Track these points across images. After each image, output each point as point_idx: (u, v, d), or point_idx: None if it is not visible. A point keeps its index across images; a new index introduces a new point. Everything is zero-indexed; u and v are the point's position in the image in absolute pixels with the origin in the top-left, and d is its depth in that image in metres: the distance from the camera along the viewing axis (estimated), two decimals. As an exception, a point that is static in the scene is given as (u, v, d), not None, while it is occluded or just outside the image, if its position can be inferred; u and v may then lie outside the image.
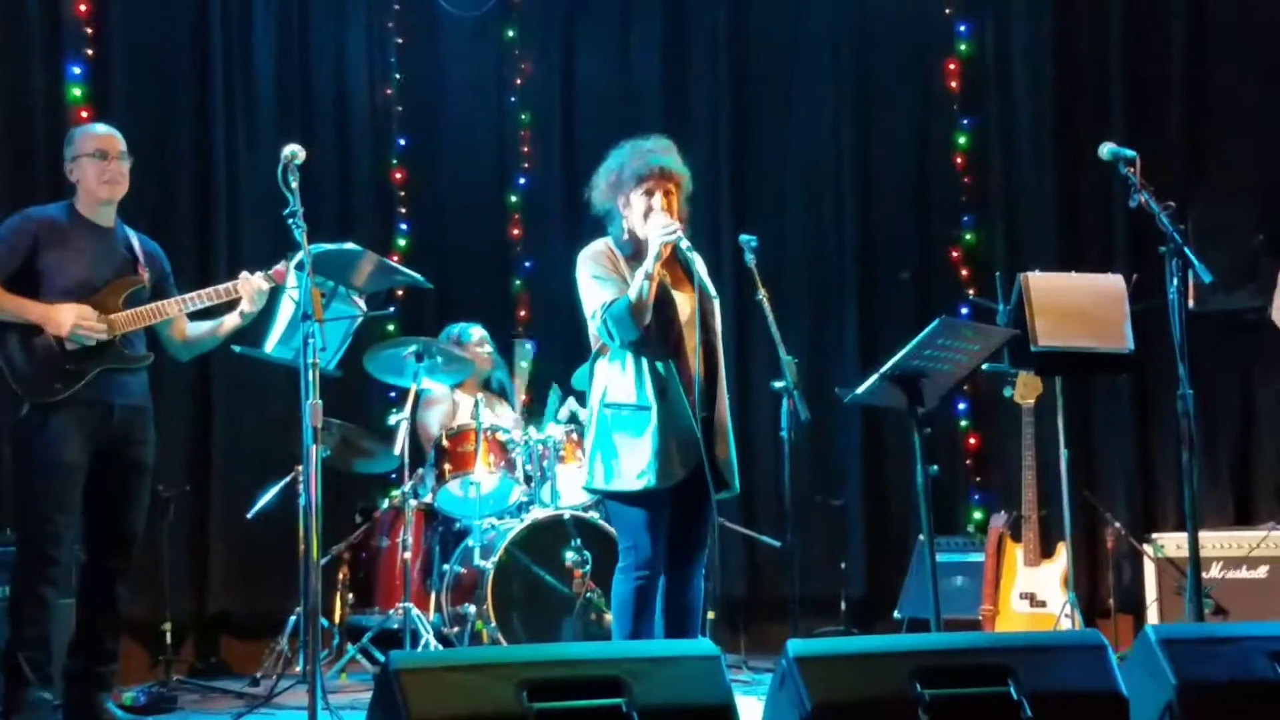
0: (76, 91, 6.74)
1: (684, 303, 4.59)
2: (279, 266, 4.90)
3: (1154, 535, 6.49)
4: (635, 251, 4.58)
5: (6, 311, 4.71)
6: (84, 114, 6.60)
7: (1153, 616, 6.30)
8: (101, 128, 5.06)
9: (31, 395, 4.70)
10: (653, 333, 4.51)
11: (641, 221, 4.59)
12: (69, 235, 4.85)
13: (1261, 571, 6.02)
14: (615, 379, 4.57)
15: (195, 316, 5.09)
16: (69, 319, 4.71)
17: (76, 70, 6.78)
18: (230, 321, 5.00)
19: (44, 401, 4.70)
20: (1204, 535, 5.69)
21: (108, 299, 4.82)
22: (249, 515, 6.27)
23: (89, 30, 6.87)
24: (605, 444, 4.55)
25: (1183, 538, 5.57)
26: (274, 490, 6.18)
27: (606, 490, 4.59)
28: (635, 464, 4.47)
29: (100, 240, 4.91)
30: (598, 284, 4.57)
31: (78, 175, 4.92)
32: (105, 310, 4.79)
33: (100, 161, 4.88)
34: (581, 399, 6.33)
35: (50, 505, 4.72)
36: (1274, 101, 6.73)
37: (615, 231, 4.68)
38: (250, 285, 4.89)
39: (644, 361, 4.52)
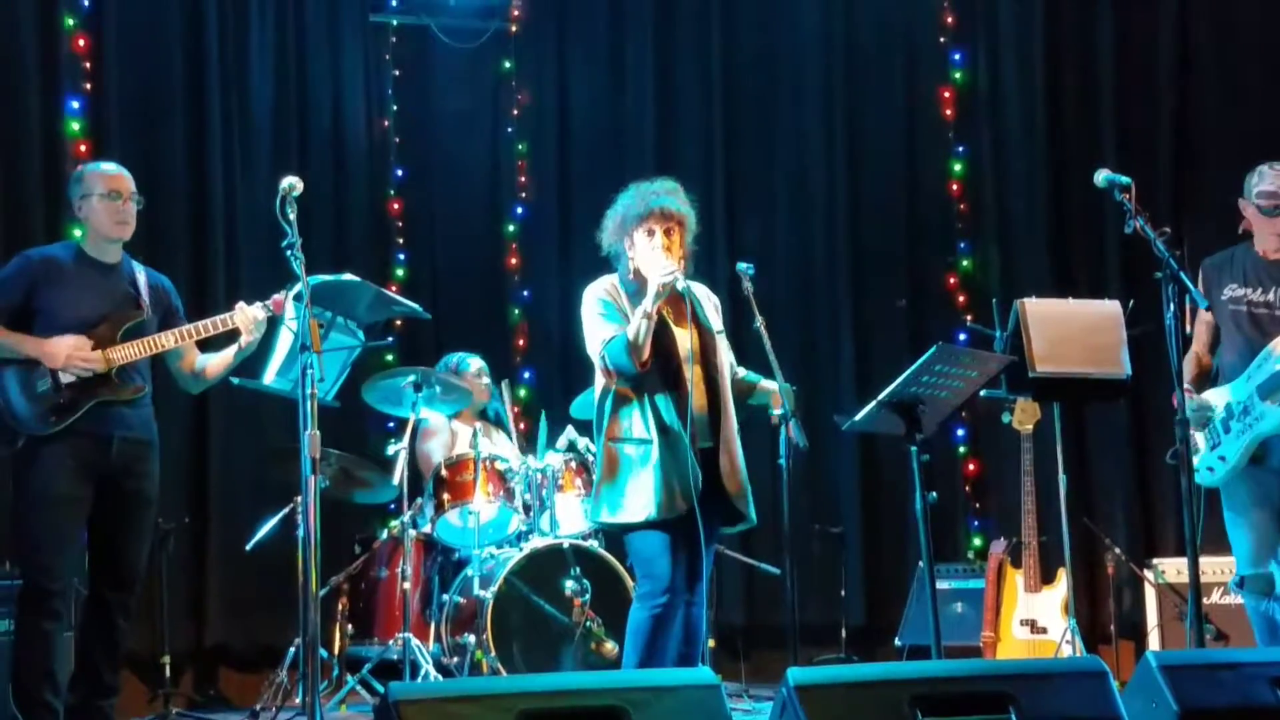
0: (75, 125, 6.75)
1: (684, 339, 4.63)
2: (277, 296, 4.88)
3: (1154, 561, 6.49)
4: (639, 290, 4.61)
5: (2, 348, 4.72)
6: (82, 147, 6.62)
7: (1154, 642, 6.29)
8: (111, 167, 5.06)
9: (26, 429, 4.70)
10: (652, 368, 4.54)
11: (645, 260, 4.61)
12: (70, 273, 4.86)
13: (1261, 596, 6.00)
14: (619, 414, 4.62)
15: (200, 348, 5.07)
16: (63, 351, 4.70)
17: (75, 104, 6.80)
18: (230, 352, 4.97)
19: (39, 435, 4.69)
20: (1204, 561, 5.65)
21: (106, 332, 4.81)
22: (247, 547, 6.24)
23: (87, 65, 6.89)
24: (610, 478, 4.60)
25: (1183, 563, 5.55)
26: (272, 521, 6.15)
27: (614, 523, 4.62)
28: (639, 497, 4.51)
29: (104, 277, 4.91)
30: (600, 321, 4.62)
31: (86, 214, 4.92)
32: (103, 344, 4.78)
33: (114, 202, 4.89)
34: (579, 428, 6.33)
35: (46, 538, 4.71)
36: (1260, 130, 6.75)
37: (621, 270, 4.74)
38: (246, 315, 4.86)
39: (645, 396, 4.56)
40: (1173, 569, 6.30)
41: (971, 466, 7.51)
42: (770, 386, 4.78)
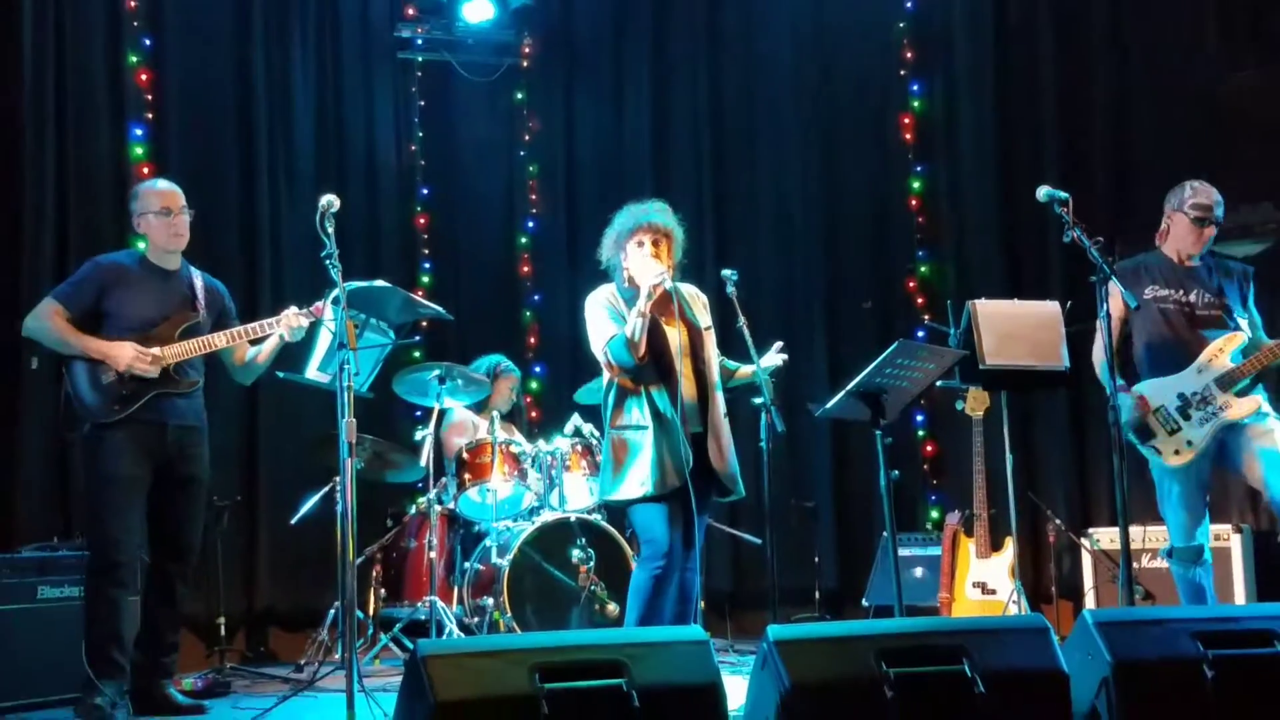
0: (139, 150, 6.78)
1: (674, 336, 4.66)
2: (317, 304, 4.87)
3: (1090, 530, 6.49)
4: (635, 295, 4.63)
5: (72, 346, 4.72)
6: (145, 169, 6.63)
7: (1090, 602, 6.29)
8: (164, 184, 5.04)
9: (92, 416, 4.69)
10: (649, 364, 4.59)
11: (637, 269, 4.64)
12: (135, 278, 4.86)
13: (1185, 561, 6.00)
14: (621, 405, 4.66)
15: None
16: (127, 355, 4.70)
17: (138, 131, 6.82)
18: (270, 345, 4.95)
19: (103, 422, 4.69)
20: (1134, 530, 5.65)
21: (165, 332, 4.81)
22: (292, 521, 6.25)
23: (149, 97, 6.91)
24: (614, 460, 4.63)
25: (1115, 532, 5.57)
26: (314, 499, 6.17)
27: (619, 500, 4.64)
28: (638, 475, 4.54)
29: (164, 282, 4.91)
30: (602, 323, 4.66)
31: (145, 228, 4.93)
32: (162, 342, 4.78)
33: (166, 218, 4.90)
34: (584, 413, 6.34)
35: (111, 514, 4.70)
36: (1186, 148, 6.76)
37: (618, 280, 4.78)
38: (289, 320, 4.86)
39: (643, 388, 4.60)
40: (1106, 537, 6.31)
41: (929, 448, 7.51)
42: (747, 372, 4.83)
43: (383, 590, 6.43)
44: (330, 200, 4.42)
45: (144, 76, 6.89)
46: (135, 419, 4.72)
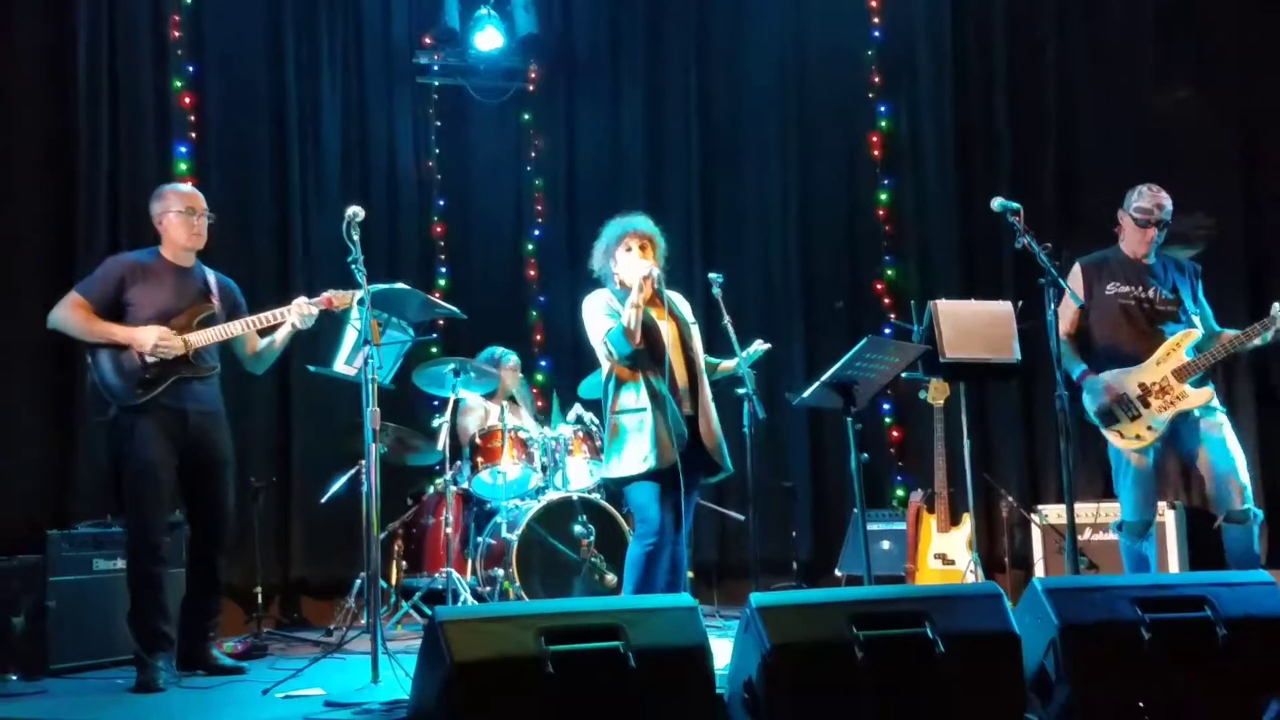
0: (183, 166, 6.75)
1: (667, 330, 4.68)
2: (325, 294, 4.80)
3: (1039, 507, 6.49)
4: (627, 296, 4.64)
5: (97, 335, 4.60)
6: (188, 183, 6.59)
7: (1039, 571, 6.30)
8: (186, 187, 4.95)
9: (118, 400, 4.58)
10: (644, 353, 4.59)
11: (627, 271, 4.66)
12: (154, 273, 4.73)
13: (1124, 535, 6.02)
14: (620, 392, 4.66)
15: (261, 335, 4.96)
16: (151, 338, 4.59)
17: (183, 149, 6.80)
18: (284, 332, 4.84)
19: (129, 405, 4.58)
20: (1079, 506, 5.67)
21: (184, 321, 4.70)
22: (322, 500, 6.25)
23: (192, 118, 6.89)
24: (617, 442, 4.63)
25: (1061, 508, 5.56)
26: (342, 480, 6.15)
27: (621, 477, 4.63)
28: (639, 452, 4.54)
29: (181, 278, 4.79)
30: (601, 318, 4.69)
31: (165, 226, 4.79)
32: (181, 330, 4.67)
33: (189, 218, 4.77)
34: (586, 405, 6.33)
35: (146, 498, 4.59)
36: (1127, 161, 6.76)
37: (610, 285, 4.78)
38: (299, 308, 4.76)
39: (639, 375, 4.61)
40: (1054, 513, 6.31)
41: (895, 433, 7.51)
42: (729, 365, 4.84)
43: (404, 562, 6.43)
44: (356, 211, 4.41)
45: (187, 99, 6.87)
46: (158, 404, 4.60)
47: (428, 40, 7.90)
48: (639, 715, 3.25)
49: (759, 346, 4.81)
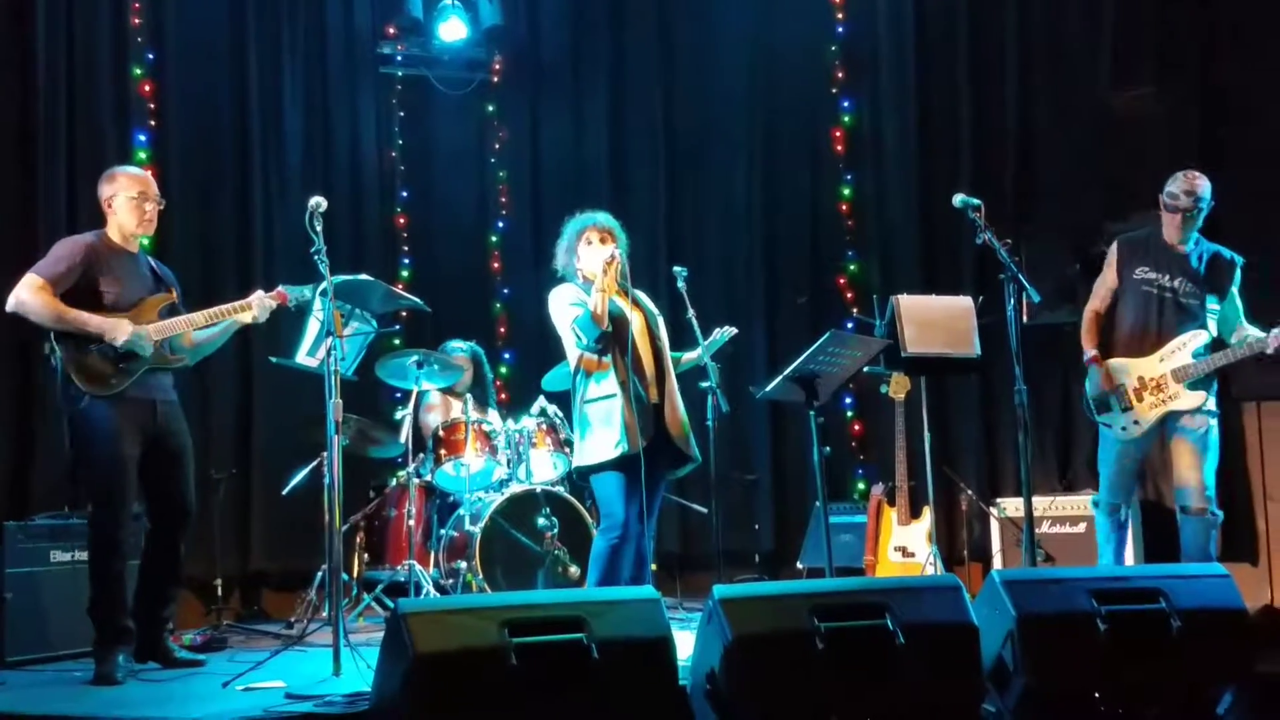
0: (142, 155, 6.67)
1: (634, 319, 4.69)
2: (280, 289, 4.77)
3: (998, 500, 6.54)
4: (591, 289, 4.65)
5: (69, 323, 4.46)
6: (148, 172, 6.51)
7: (997, 563, 6.35)
8: (138, 170, 4.84)
9: (92, 389, 4.46)
10: (611, 341, 4.60)
11: (589, 263, 4.67)
12: (108, 259, 4.62)
13: (1080, 527, 6.09)
14: (589, 383, 4.67)
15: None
16: (127, 329, 4.51)
17: (142, 137, 6.73)
18: (222, 328, 4.78)
19: (102, 395, 4.48)
20: (1036, 500, 5.77)
21: (145, 313, 4.63)
22: (283, 492, 6.20)
23: (151, 105, 6.82)
24: (587, 431, 4.64)
25: (1019, 502, 5.62)
26: (303, 472, 6.11)
27: (592, 465, 4.62)
28: (610, 438, 4.55)
29: (131, 264, 4.70)
30: (568, 307, 4.70)
31: (116, 209, 4.65)
32: (144, 322, 4.59)
33: (140, 203, 4.66)
34: (549, 398, 6.33)
35: (113, 491, 4.50)
36: (1084, 159, 6.82)
37: (574, 282, 4.78)
38: (259, 301, 4.73)
39: (607, 365, 4.61)
40: (1012, 506, 6.35)
41: (857, 427, 7.54)
42: (692, 356, 4.87)
43: (366, 555, 6.39)
44: (319, 201, 4.38)
45: (147, 87, 6.79)
46: (127, 394, 4.52)
47: (391, 30, 7.84)
48: (602, 707, 3.26)
49: (725, 331, 4.83)
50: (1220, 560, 4.85)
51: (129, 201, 4.67)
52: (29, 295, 4.48)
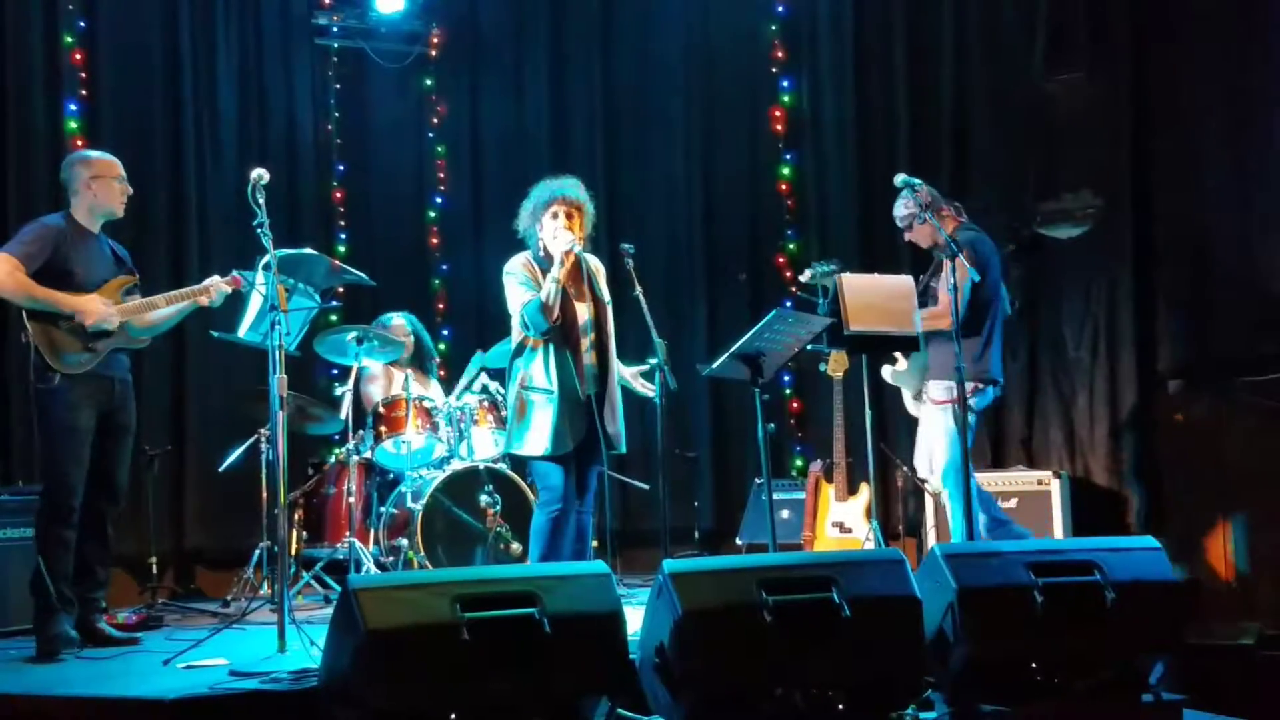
0: (73, 124, 6.56)
1: (583, 311, 4.74)
2: (235, 275, 4.83)
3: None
4: (549, 263, 4.65)
5: (40, 301, 4.52)
6: (79, 142, 6.42)
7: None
8: (112, 156, 4.89)
9: (63, 368, 4.53)
10: (557, 332, 4.64)
11: (551, 238, 4.67)
12: (74, 241, 4.68)
13: (1013, 502, 6.22)
14: (528, 368, 4.70)
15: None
16: (97, 308, 4.58)
17: (73, 107, 6.62)
18: (175, 309, 4.82)
19: (72, 374, 4.54)
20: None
21: (108, 294, 4.68)
22: (219, 469, 6.15)
23: (83, 75, 6.70)
24: (521, 418, 4.68)
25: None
26: (240, 449, 6.06)
27: (520, 454, 4.72)
28: (539, 435, 4.63)
29: (95, 245, 4.75)
30: (519, 289, 4.70)
31: (97, 190, 4.72)
32: (111, 300, 4.66)
33: (123, 185, 4.78)
34: (491, 374, 6.32)
35: (72, 463, 4.57)
36: (1017, 139, 6.94)
37: (533, 247, 4.77)
38: (216, 285, 4.81)
39: (550, 354, 4.62)
40: (947, 482, 6.46)
41: (795, 404, 7.62)
42: (627, 374, 4.96)
43: (304, 532, 6.35)
44: (261, 173, 4.38)
45: (78, 56, 6.67)
46: (94, 373, 4.60)
47: (327, 1, 7.74)
48: (553, 681, 3.29)
49: (658, 354, 4.85)
50: (1153, 534, 4.99)
51: (112, 183, 4.75)
52: (2, 275, 4.52)
